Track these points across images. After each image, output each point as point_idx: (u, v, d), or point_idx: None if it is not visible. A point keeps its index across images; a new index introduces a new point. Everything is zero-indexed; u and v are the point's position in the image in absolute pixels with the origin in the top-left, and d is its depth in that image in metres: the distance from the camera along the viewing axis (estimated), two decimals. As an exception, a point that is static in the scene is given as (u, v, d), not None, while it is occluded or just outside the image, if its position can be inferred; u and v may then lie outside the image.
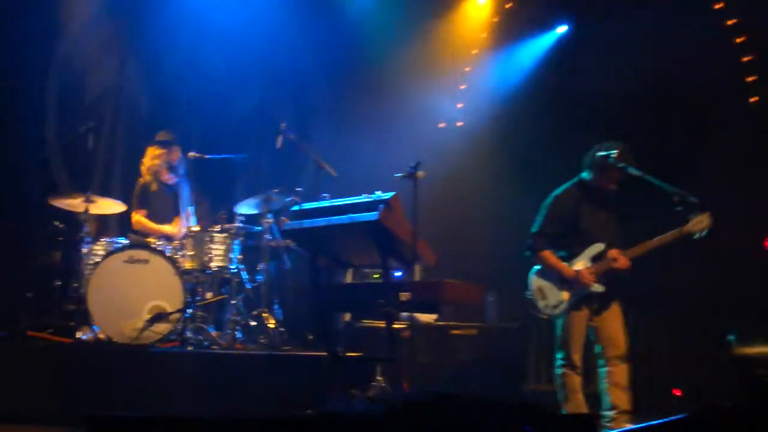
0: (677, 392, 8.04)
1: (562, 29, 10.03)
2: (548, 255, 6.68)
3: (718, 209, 6.64)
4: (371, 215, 5.54)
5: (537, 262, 6.75)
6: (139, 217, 8.41)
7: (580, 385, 6.63)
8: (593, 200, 6.73)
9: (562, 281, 6.62)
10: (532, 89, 9.84)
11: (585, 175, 6.77)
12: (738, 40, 9.02)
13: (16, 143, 9.07)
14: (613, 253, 6.52)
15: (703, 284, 8.07)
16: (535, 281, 6.75)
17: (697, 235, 6.54)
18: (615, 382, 6.55)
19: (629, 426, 6.34)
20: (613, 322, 6.63)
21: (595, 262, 6.57)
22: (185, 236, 8.08)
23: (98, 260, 7.61)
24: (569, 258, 6.66)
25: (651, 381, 8.75)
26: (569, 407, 6.58)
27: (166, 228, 8.39)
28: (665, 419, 4.47)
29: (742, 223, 6.67)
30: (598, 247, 6.60)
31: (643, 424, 4.76)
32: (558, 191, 6.83)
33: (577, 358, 6.55)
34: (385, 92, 10.07)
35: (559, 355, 6.59)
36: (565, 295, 6.62)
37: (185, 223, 8.46)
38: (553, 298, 6.65)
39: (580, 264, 6.59)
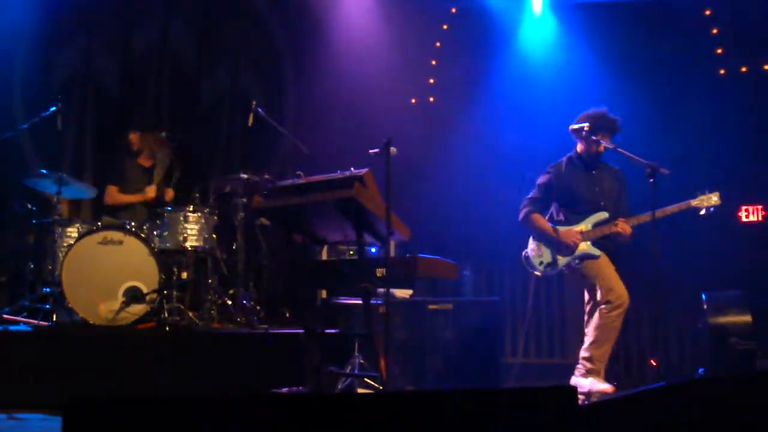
0: (653, 362, 8.12)
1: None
2: (537, 218, 6.82)
3: (692, 180, 6.72)
4: (345, 192, 5.54)
5: (528, 225, 6.85)
6: (112, 192, 8.42)
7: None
8: (589, 168, 6.82)
9: (553, 243, 6.72)
10: (507, 63, 9.83)
11: (576, 145, 6.89)
12: (706, 12, 9.07)
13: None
14: (618, 220, 6.61)
15: (678, 253, 8.14)
16: (532, 241, 6.86)
17: (703, 212, 6.63)
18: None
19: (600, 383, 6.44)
20: None
21: (596, 227, 6.67)
22: (159, 215, 8.05)
23: (72, 242, 7.56)
24: (569, 224, 6.74)
25: (627, 351, 8.85)
26: (601, 350, 6.59)
27: (138, 197, 8.38)
28: (641, 388, 4.52)
29: (714, 191, 6.75)
30: (602, 215, 6.69)
31: (620, 393, 4.82)
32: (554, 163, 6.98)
33: (625, 295, 6.56)
34: (357, 67, 10.04)
35: (609, 298, 6.57)
36: (560, 255, 6.72)
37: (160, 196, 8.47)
38: (549, 256, 6.77)
39: (582, 227, 6.68)
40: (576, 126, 6.75)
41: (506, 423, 3.35)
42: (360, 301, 5.99)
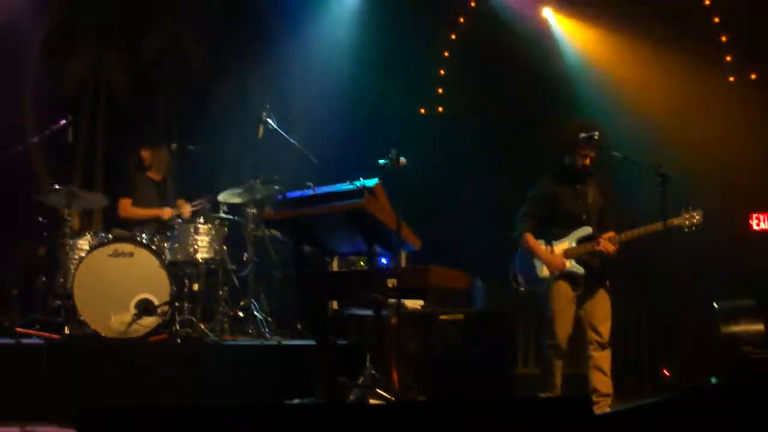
0: (665, 372, 8.09)
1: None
2: (527, 236, 6.75)
3: (702, 186, 6.68)
4: (355, 203, 5.54)
5: (521, 244, 6.81)
6: (126, 206, 8.38)
7: (559, 368, 6.68)
8: (574, 181, 6.74)
9: (540, 261, 6.69)
10: (514, 72, 9.82)
11: (564, 157, 6.80)
12: (715, 20, 9.07)
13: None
14: (603, 236, 6.54)
15: (690, 262, 8.10)
16: (520, 258, 6.81)
17: (686, 230, 6.59)
18: (596, 366, 6.62)
19: (609, 409, 6.42)
20: (597, 309, 6.67)
21: (580, 244, 6.61)
22: (172, 225, 8.04)
23: (83, 255, 7.57)
24: (553, 239, 6.69)
25: (639, 361, 8.82)
26: (546, 389, 6.66)
27: (154, 210, 8.32)
28: (654, 399, 4.51)
29: (726, 199, 6.71)
30: (586, 230, 6.62)
31: (633, 405, 4.79)
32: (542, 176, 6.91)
33: (561, 337, 6.59)
34: (366, 78, 10.05)
35: (548, 335, 6.64)
36: (544, 274, 6.69)
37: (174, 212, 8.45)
38: (535, 275, 6.73)
39: (565, 245, 6.63)
40: (586, 135, 6.65)
41: (519, 433, 3.34)
42: (371, 312, 5.98)
